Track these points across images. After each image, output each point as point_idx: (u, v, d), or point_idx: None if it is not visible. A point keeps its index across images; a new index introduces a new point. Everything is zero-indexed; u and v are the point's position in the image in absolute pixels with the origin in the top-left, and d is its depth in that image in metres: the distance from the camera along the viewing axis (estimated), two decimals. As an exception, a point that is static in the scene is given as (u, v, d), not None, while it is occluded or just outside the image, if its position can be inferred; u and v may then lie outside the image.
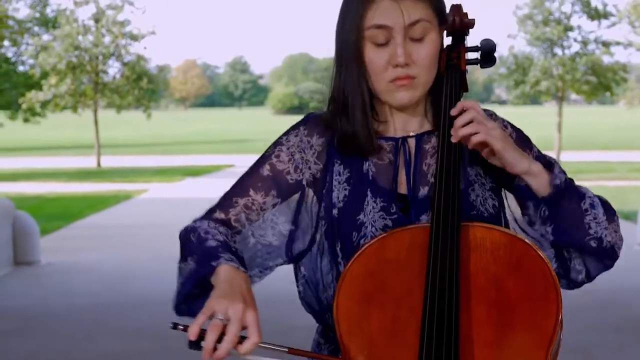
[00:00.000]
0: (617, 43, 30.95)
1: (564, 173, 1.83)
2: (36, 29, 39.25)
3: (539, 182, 1.80)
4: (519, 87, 31.17)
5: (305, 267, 1.94)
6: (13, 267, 9.67)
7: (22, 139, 51.73)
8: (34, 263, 9.84)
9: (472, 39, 1.97)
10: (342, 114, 1.90)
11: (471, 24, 1.93)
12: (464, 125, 1.78)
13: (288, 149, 1.93)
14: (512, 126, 1.97)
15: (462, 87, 1.92)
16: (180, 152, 38.87)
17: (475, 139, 1.77)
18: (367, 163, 1.90)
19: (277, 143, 1.95)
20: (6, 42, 33.45)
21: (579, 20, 31.34)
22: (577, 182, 1.87)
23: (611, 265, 1.87)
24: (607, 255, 1.84)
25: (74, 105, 31.19)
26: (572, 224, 1.81)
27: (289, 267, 1.99)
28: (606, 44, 30.78)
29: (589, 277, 1.88)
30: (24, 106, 32.17)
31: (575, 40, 31.00)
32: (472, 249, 1.77)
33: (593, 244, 1.81)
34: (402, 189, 1.89)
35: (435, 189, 1.80)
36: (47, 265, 9.86)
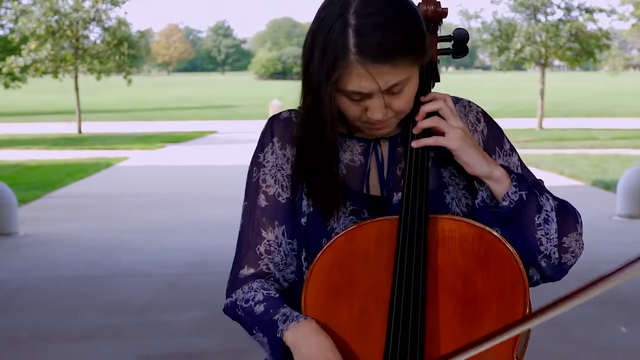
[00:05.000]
0: (600, 10, 30.91)
1: (527, 184, 1.79)
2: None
3: (500, 187, 1.78)
4: (503, 54, 31.12)
5: None
6: (-9, 238, 9.60)
7: (4, 104, 51.35)
8: (12, 234, 9.77)
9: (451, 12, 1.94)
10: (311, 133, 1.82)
11: (444, 13, 1.89)
12: (426, 117, 1.78)
13: (269, 170, 1.88)
14: (487, 119, 1.91)
15: (433, 77, 1.88)
16: (162, 118, 38.70)
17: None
18: (337, 165, 1.85)
19: (258, 165, 1.89)
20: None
21: (563, -14, 31.16)
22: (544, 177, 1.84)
23: (560, 277, 1.85)
24: (554, 271, 1.82)
25: (55, 71, 30.92)
26: (523, 241, 1.78)
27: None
28: (589, 11, 30.72)
29: (544, 280, 1.86)
30: (4, 70, 31.85)
31: (558, 6, 30.91)
32: (440, 242, 1.76)
33: (543, 263, 1.80)
34: (375, 191, 1.86)
35: (404, 182, 1.78)
36: (25, 236, 9.80)
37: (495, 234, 1.75)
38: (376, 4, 1.69)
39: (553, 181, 14.12)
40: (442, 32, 1.93)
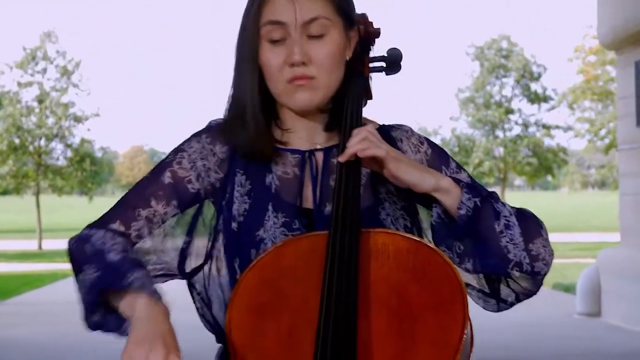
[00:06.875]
0: (557, 126, 31.61)
1: (479, 191, 1.73)
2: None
3: (452, 199, 1.71)
4: (462, 169, 31.61)
5: (199, 284, 1.85)
6: (-60, 342, 9.34)
7: (-37, 223, 50.71)
8: (-39, 338, 9.53)
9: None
10: (237, 120, 1.81)
11: (376, 33, 1.88)
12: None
13: (190, 155, 1.82)
14: (430, 143, 1.88)
15: (365, 94, 1.87)
16: (124, 235, 38.39)
17: (364, 153, 1.69)
18: (270, 175, 1.81)
19: (178, 150, 1.83)
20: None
21: (520, 103, 31.86)
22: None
23: (536, 290, 1.78)
24: (529, 280, 1.75)
25: (17, 187, 30.76)
26: (489, 252, 1.71)
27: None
28: (546, 127, 31.42)
29: (518, 300, 1.80)
30: (-36, 188, 31.67)
31: (516, 122, 31.64)
32: (373, 256, 1.68)
33: (516, 272, 1.73)
34: (308, 204, 1.80)
35: (334, 195, 1.72)
36: (-24, 340, 9.55)
37: (431, 245, 1.69)
38: None
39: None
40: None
